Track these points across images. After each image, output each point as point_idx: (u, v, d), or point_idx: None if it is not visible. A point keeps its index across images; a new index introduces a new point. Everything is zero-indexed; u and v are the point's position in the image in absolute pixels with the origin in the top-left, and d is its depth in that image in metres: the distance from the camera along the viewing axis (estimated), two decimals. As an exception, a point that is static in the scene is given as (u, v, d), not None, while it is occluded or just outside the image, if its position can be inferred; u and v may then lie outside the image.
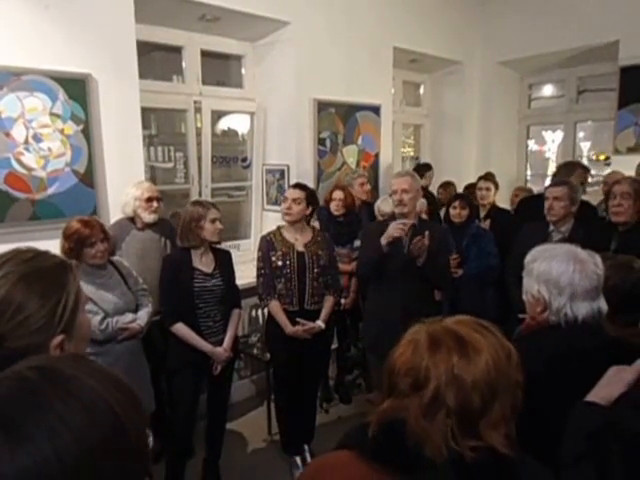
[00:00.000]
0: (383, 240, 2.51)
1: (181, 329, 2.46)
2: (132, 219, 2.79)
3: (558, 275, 1.33)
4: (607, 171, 4.54)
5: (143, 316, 2.38)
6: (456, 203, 3.45)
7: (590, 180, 5.36)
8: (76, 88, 2.65)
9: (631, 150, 4.28)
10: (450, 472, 0.78)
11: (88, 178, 2.75)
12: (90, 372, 0.59)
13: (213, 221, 2.47)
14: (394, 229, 2.49)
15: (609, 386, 1.07)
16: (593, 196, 4.63)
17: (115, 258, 2.42)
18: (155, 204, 2.76)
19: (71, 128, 2.67)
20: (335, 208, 3.42)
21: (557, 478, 1.02)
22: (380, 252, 2.52)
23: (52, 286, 0.91)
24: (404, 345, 0.88)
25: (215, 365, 2.53)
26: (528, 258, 1.45)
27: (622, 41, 4.20)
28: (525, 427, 1.10)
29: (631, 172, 3.66)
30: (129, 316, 2.32)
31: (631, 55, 4.15)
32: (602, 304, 1.34)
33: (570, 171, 3.37)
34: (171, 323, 2.47)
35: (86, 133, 2.72)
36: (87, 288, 2.18)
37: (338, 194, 3.44)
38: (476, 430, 0.80)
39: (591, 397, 1.08)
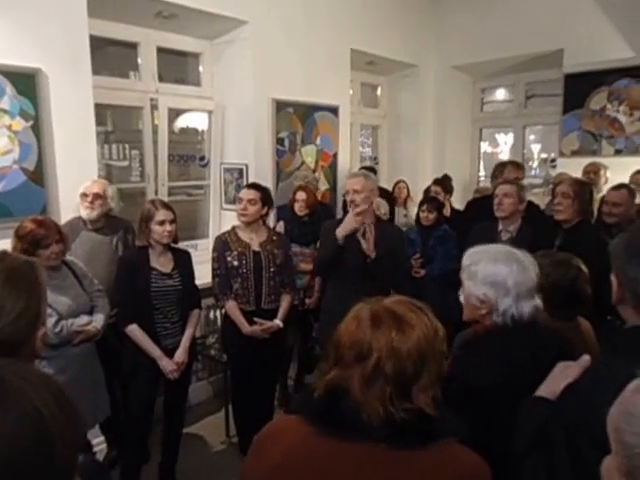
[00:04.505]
0: (339, 232, 2.55)
1: (134, 331, 2.42)
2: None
3: (505, 277, 1.36)
4: (554, 172, 4.79)
5: (99, 318, 2.32)
6: (424, 207, 3.57)
7: (540, 181, 5.61)
8: (25, 83, 2.56)
9: (575, 153, 4.53)
10: (380, 429, 0.90)
11: (38, 176, 2.65)
12: (23, 375, 0.60)
13: (161, 223, 2.40)
14: (350, 221, 2.53)
15: (555, 381, 1.13)
16: (540, 197, 4.87)
17: (69, 259, 2.35)
18: (90, 200, 2.66)
19: (20, 124, 2.57)
20: (299, 209, 3.45)
21: (510, 469, 1.08)
22: (336, 244, 2.55)
23: (32, 284, 1.03)
24: (349, 321, 1.00)
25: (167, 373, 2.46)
26: (467, 261, 1.46)
27: (566, 49, 4.44)
28: (490, 430, 1.17)
29: (577, 173, 3.88)
30: (84, 318, 2.26)
31: (574, 63, 4.40)
32: (538, 302, 1.40)
33: (502, 170, 3.57)
34: (125, 324, 2.43)
35: (36, 129, 2.62)
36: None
37: (301, 195, 3.47)
38: (409, 394, 0.92)
39: (539, 392, 1.14)
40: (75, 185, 2.71)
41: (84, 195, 2.67)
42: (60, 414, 0.58)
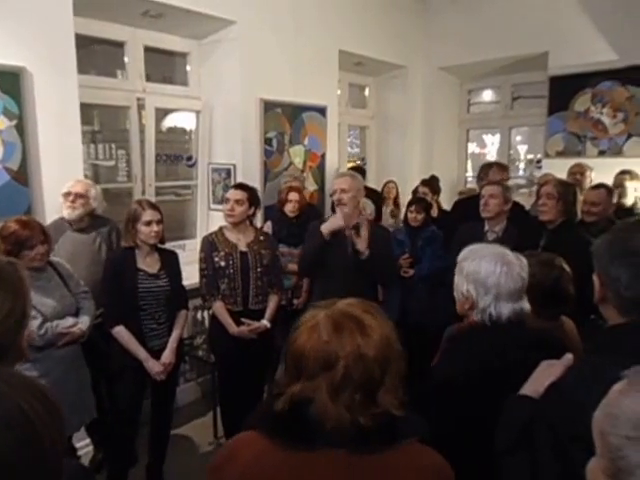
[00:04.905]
0: (324, 228, 2.55)
1: (121, 332, 2.40)
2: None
3: (486, 276, 1.38)
4: (539, 173, 4.85)
5: (85, 320, 2.30)
6: (412, 207, 3.59)
7: (524, 182, 5.66)
8: (9, 81, 2.52)
9: (560, 154, 4.59)
10: (342, 436, 0.87)
11: (22, 176, 2.62)
12: (6, 379, 0.60)
13: (148, 223, 2.39)
14: (337, 218, 2.53)
15: (538, 380, 1.14)
16: (525, 197, 4.93)
17: (55, 259, 2.33)
18: (71, 199, 2.63)
19: (3, 123, 2.53)
20: (291, 209, 3.45)
21: (494, 468, 1.09)
22: (321, 241, 2.54)
23: (17, 284, 1.04)
24: (308, 330, 0.95)
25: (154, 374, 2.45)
26: (460, 257, 1.50)
27: (551, 52, 4.50)
28: (467, 429, 1.18)
29: (562, 174, 3.93)
30: (70, 320, 2.23)
31: (559, 65, 4.47)
32: (525, 305, 1.41)
33: (487, 172, 3.61)
34: (111, 325, 2.41)
35: (20, 129, 2.59)
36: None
37: (294, 196, 3.46)
38: (376, 399, 0.90)
39: (523, 391, 1.15)
40: (60, 185, 2.68)
41: (66, 194, 2.64)
42: (45, 416, 0.58)
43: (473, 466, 1.17)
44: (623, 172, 3.73)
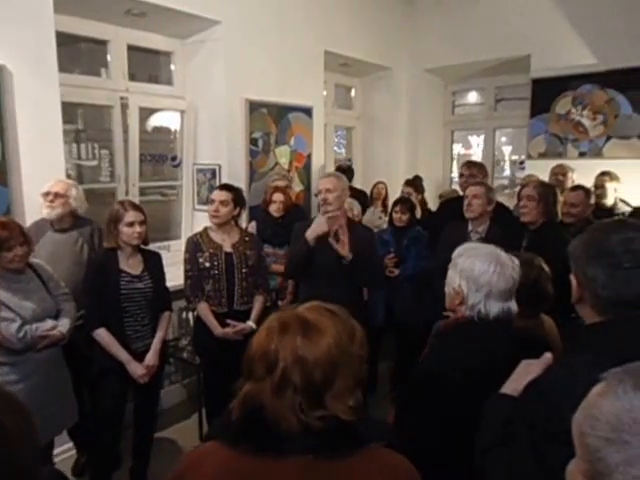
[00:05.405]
0: (309, 235, 2.55)
1: (102, 335, 2.37)
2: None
3: (479, 273, 1.41)
4: (523, 174, 4.91)
5: (65, 322, 2.26)
6: (397, 208, 3.60)
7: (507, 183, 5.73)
8: (-12, 80, 2.48)
9: (542, 155, 4.66)
10: (302, 440, 0.87)
11: (1, 176, 2.57)
12: None
13: (131, 224, 2.36)
14: (320, 223, 2.53)
15: (519, 378, 1.16)
16: (510, 198, 4.99)
17: (35, 261, 2.29)
18: (50, 199, 2.59)
19: (-19, 122, 2.49)
20: (275, 210, 3.44)
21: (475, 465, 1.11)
22: (306, 247, 2.54)
23: None
24: (261, 332, 0.95)
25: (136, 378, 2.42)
26: (455, 253, 1.53)
27: (533, 55, 4.57)
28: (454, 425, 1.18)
29: (544, 175, 3.99)
30: (50, 323, 2.20)
31: (541, 68, 4.54)
32: (513, 305, 1.45)
33: (463, 171, 3.70)
34: (93, 328, 2.37)
35: (-1, 128, 2.55)
36: (2, 294, 2.05)
37: (278, 196, 3.46)
38: (322, 402, 0.88)
39: (503, 389, 1.17)
40: (41, 185, 2.63)
41: (45, 194, 2.60)
42: (17, 423, 0.57)
43: (459, 462, 1.19)
44: (603, 173, 3.80)
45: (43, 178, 2.67)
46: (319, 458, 0.87)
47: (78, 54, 3.66)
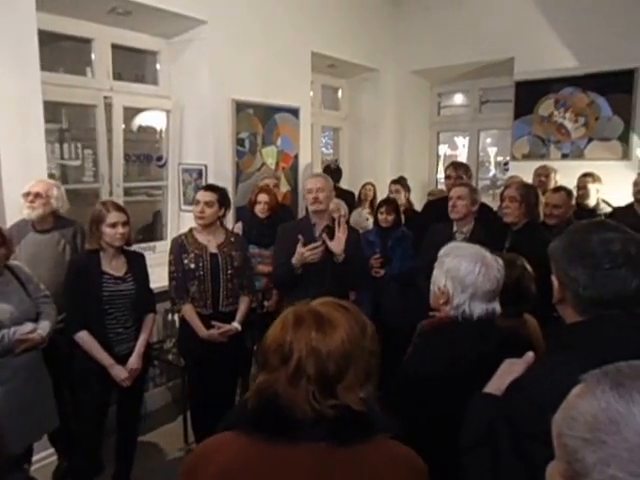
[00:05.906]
0: (295, 261, 2.54)
1: (84, 338, 2.33)
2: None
3: (465, 274, 1.42)
4: (506, 175, 4.96)
5: (45, 325, 2.22)
6: (383, 209, 3.61)
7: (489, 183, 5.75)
8: (-34, 78, 2.44)
9: (525, 157, 4.72)
10: (315, 428, 0.91)
11: (-19, 176, 2.53)
12: None
13: (113, 225, 2.33)
14: (309, 254, 2.52)
15: (501, 377, 1.16)
16: (494, 198, 5.04)
17: (14, 263, 2.25)
18: (30, 199, 2.55)
19: (-40, 121, 2.45)
20: (261, 211, 3.42)
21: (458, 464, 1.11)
22: (292, 271, 2.55)
23: None
24: (276, 325, 0.99)
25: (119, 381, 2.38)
26: (441, 252, 1.54)
27: (517, 58, 4.64)
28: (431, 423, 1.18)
29: (528, 176, 4.03)
30: (29, 326, 2.15)
31: (524, 71, 4.61)
32: (496, 306, 1.46)
33: (449, 172, 3.78)
34: (74, 330, 2.33)
35: (-22, 127, 2.50)
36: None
37: (263, 197, 3.44)
38: (334, 392, 0.92)
39: (486, 388, 1.17)
40: (22, 186, 2.58)
41: (26, 194, 2.56)
42: None
43: (443, 462, 1.20)
44: (586, 175, 3.85)
45: (24, 179, 2.62)
46: (331, 445, 0.90)
47: (62, 53, 3.61)
